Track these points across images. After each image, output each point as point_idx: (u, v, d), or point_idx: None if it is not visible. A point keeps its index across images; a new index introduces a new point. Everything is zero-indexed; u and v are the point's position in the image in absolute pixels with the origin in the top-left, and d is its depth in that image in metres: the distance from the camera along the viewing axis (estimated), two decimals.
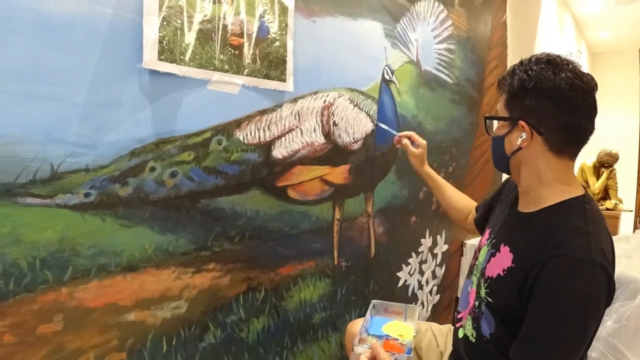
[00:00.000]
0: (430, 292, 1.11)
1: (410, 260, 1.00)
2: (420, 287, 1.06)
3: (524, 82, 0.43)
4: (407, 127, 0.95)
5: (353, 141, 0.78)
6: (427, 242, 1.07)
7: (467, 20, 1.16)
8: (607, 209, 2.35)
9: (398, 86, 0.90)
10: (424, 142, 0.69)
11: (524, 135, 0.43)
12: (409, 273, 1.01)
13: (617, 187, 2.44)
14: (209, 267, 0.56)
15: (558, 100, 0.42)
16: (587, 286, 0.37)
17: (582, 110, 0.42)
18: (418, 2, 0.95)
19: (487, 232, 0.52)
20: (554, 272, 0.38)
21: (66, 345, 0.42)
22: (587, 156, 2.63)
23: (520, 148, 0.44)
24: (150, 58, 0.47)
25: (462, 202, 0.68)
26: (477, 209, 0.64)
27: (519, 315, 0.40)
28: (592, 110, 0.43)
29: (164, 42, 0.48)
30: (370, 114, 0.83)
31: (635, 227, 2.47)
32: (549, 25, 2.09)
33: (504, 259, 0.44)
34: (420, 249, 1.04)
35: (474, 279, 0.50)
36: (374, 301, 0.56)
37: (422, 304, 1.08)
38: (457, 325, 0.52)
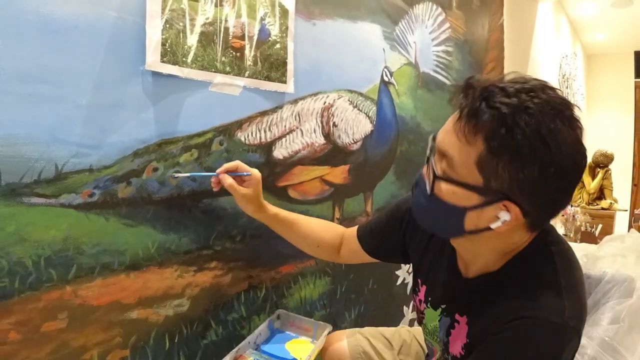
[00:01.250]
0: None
1: None
2: None
3: (531, 150, 0.26)
4: (406, 128, 0.96)
5: (352, 142, 0.79)
6: None
7: (464, 22, 1.18)
8: (603, 209, 2.38)
9: (397, 88, 0.91)
10: (256, 173, 0.47)
11: (505, 217, 0.29)
12: (407, 272, 1.02)
13: (612, 187, 2.47)
14: (211, 265, 0.56)
15: (565, 177, 0.28)
16: (555, 354, 0.28)
17: (574, 188, 0.30)
18: (416, 5, 0.97)
19: (423, 288, 0.42)
20: (517, 333, 0.29)
21: (70, 343, 0.43)
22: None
23: (489, 228, 0.30)
24: (153, 60, 0.47)
25: (329, 233, 0.52)
26: (362, 234, 0.50)
27: None
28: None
29: (167, 44, 0.49)
30: (370, 115, 0.84)
31: (630, 226, 2.50)
32: (545, 27, 2.11)
33: (462, 333, 0.36)
34: None
35: (434, 343, 0.41)
36: (279, 311, 0.45)
37: None
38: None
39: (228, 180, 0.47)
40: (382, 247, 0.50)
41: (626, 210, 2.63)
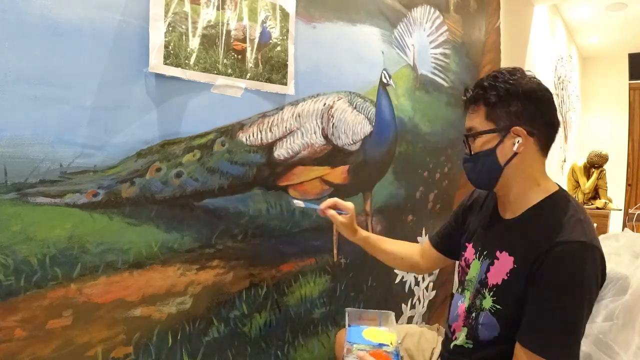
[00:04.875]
0: (427, 288, 1.13)
1: None
2: (417, 283, 1.08)
3: (508, 91, 0.45)
4: (404, 129, 0.98)
5: (352, 142, 0.80)
6: (423, 240, 1.09)
7: (462, 25, 1.20)
8: (597, 208, 2.41)
9: (395, 89, 0.93)
10: (350, 206, 0.60)
11: (519, 140, 0.44)
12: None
13: (606, 187, 2.50)
14: (213, 264, 0.57)
15: (540, 101, 0.45)
16: (588, 267, 0.40)
17: (554, 107, 0.46)
18: (415, 8, 0.98)
19: (469, 246, 0.52)
20: (558, 258, 0.40)
21: (75, 340, 0.44)
22: (577, 157, 2.69)
23: (515, 154, 0.45)
24: (156, 62, 0.48)
25: (409, 250, 0.65)
26: (434, 239, 0.63)
27: None
28: (555, 105, 0.47)
29: (170, 47, 0.49)
30: (369, 116, 0.85)
31: (624, 226, 2.53)
32: (541, 30, 2.14)
33: (505, 264, 0.45)
34: None
35: (467, 294, 0.50)
36: (348, 309, 0.53)
37: (419, 299, 1.10)
38: (452, 337, 0.51)
39: (330, 212, 0.61)
40: (454, 245, 0.59)
41: (620, 210, 2.66)
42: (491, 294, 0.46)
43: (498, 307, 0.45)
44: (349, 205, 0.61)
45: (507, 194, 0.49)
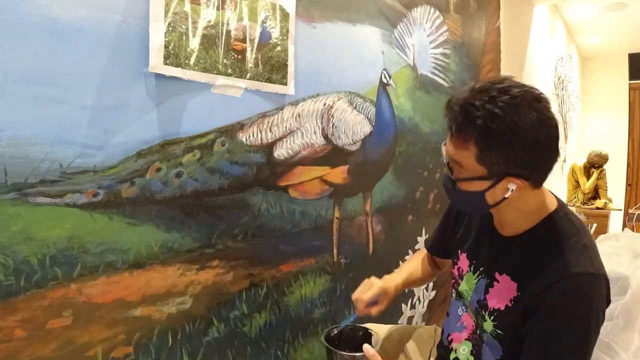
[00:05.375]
0: (427, 288, 1.13)
1: (407, 258, 1.03)
2: None
3: (507, 137, 0.37)
4: (404, 129, 0.98)
5: (352, 142, 0.80)
6: (423, 239, 1.09)
7: (462, 25, 1.20)
8: (597, 208, 2.41)
9: (395, 89, 0.93)
10: (374, 292, 0.53)
11: (512, 187, 0.39)
12: None
13: (606, 187, 2.50)
14: (213, 264, 0.57)
15: (544, 144, 0.38)
16: (597, 300, 0.38)
17: (556, 143, 0.40)
18: (415, 9, 0.98)
19: (463, 256, 0.50)
20: (566, 292, 0.38)
21: (75, 340, 0.44)
22: (577, 157, 2.69)
23: (505, 198, 0.41)
24: (156, 62, 0.48)
25: (425, 267, 0.64)
26: (433, 248, 0.62)
27: None
28: (558, 136, 0.40)
29: (170, 47, 0.49)
30: (369, 116, 0.85)
31: (624, 226, 2.53)
32: (541, 30, 2.14)
33: (507, 289, 0.43)
34: (416, 247, 1.06)
35: (467, 303, 0.48)
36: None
37: (419, 299, 1.10)
38: (448, 346, 0.50)
39: (369, 310, 0.54)
40: (446, 247, 0.59)
41: (620, 210, 2.66)
42: (492, 318, 0.44)
43: (499, 332, 0.44)
44: (373, 292, 0.54)
45: (500, 218, 0.46)
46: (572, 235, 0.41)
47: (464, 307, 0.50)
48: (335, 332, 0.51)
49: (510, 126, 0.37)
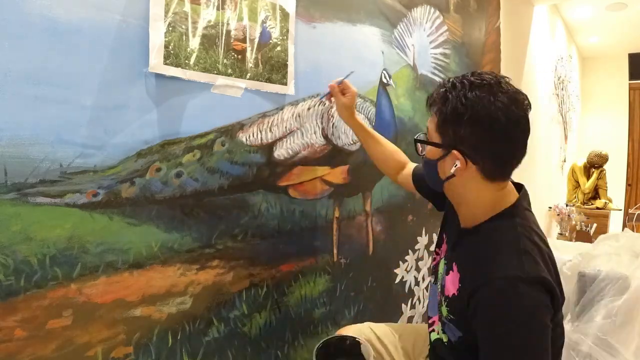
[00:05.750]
0: (427, 288, 1.13)
1: (407, 258, 1.03)
2: (417, 283, 1.08)
3: (458, 111, 0.40)
4: (404, 129, 0.98)
5: (352, 142, 0.80)
6: (423, 240, 1.09)
7: (462, 25, 1.20)
8: (597, 208, 2.41)
9: (395, 89, 0.93)
10: (354, 90, 0.65)
11: (457, 163, 0.41)
12: (405, 270, 1.03)
13: (606, 187, 2.50)
14: (213, 264, 0.57)
15: (493, 130, 0.39)
16: (526, 302, 0.37)
17: (517, 139, 0.41)
18: (415, 9, 0.98)
19: (445, 239, 0.52)
20: (491, 296, 0.38)
21: (75, 340, 0.44)
22: (577, 157, 2.70)
23: (453, 175, 0.42)
24: (156, 62, 0.48)
25: (394, 158, 0.68)
26: (417, 172, 0.62)
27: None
28: (525, 135, 0.41)
29: (170, 47, 0.49)
30: (369, 116, 0.85)
31: (624, 226, 2.53)
32: (541, 30, 2.14)
33: (455, 278, 0.45)
34: (416, 247, 1.06)
35: (439, 288, 0.50)
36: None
37: (419, 299, 1.10)
38: (430, 329, 0.52)
39: (335, 89, 0.65)
40: (424, 189, 0.60)
41: (620, 210, 2.67)
42: (446, 303, 0.46)
43: (452, 317, 0.45)
44: (353, 89, 0.65)
45: (456, 203, 0.47)
46: (514, 237, 0.40)
47: (438, 289, 0.51)
48: (321, 344, 0.51)
49: (462, 100, 0.40)
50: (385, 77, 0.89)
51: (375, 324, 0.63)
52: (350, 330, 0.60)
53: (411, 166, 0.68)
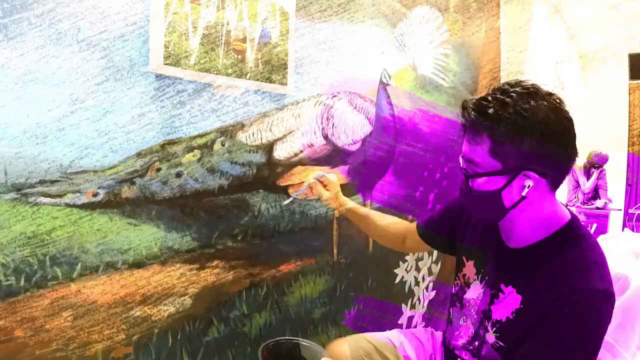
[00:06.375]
0: (427, 288, 1.13)
1: (407, 258, 1.02)
2: (417, 283, 1.08)
3: (518, 125, 0.37)
4: (404, 129, 0.98)
5: (352, 142, 0.80)
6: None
7: (462, 25, 1.20)
8: (597, 208, 2.41)
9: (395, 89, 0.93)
10: (333, 179, 0.62)
11: (530, 183, 0.38)
12: (405, 270, 1.03)
13: (606, 187, 2.50)
14: (213, 264, 0.57)
15: (558, 136, 0.38)
16: (600, 317, 0.37)
17: (573, 138, 0.39)
18: (415, 9, 0.98)
19: (470, 264, 0.49)
20: (574, 308, 0.37)
21: (75, 340, 0.44)
22: (578, 157, 2.68)
23: (524, 198, 0.39)
24: (157, 62, 0.48)
25: (396, 227, 0.64)
26: (422, 226, 0.60)
27: None
28: (575, 133, 0.40)
29: (170, 47, 0.49)
30: (369, 116, 0.85)
31: (624, 226, 2.52)
32: (541, 29, 2.14)
33: (511, 301, 0.42)
34: None
35: (469, 313, 0.48)
36: None
37: (419, 299, 1.10)
38: (452, 355, 0.50)
39: (317, 187, 0.63)
40: (435, 239, 0.59)
41: (620, 210, 2.67)
42: (494, 329, 0.44)
43: (501, 344, 0.43)
44: (331, 179, 0.63)
45: (511, 227, 0.44)
46: (583, 250, 0.40)
47: (464, 317, 0.49)
48: (263, 351, 0.50)
49: (522, 113, 0.37)
50: (385, 77, 0.89)
51: (371, 335, 0.61)
52: (344, 343, 0.59)
53: (412, 229, 0.62)
